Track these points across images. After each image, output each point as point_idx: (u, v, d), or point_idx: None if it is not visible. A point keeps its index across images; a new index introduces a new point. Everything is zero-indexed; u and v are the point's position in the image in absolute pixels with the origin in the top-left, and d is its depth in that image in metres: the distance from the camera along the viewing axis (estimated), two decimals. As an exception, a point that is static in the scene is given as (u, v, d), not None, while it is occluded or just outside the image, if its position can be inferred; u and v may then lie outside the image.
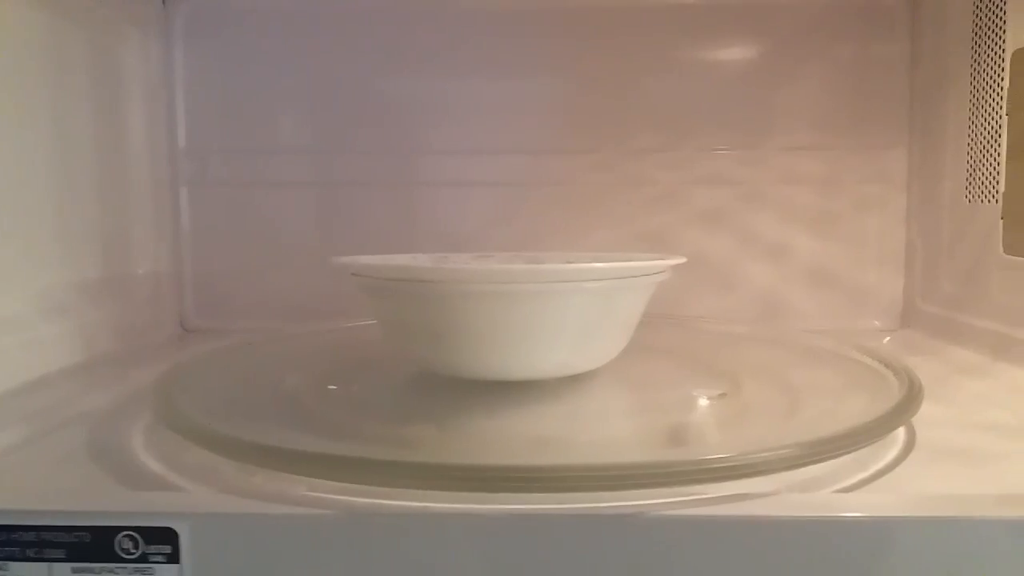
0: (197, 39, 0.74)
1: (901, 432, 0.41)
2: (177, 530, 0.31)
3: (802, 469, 0.33)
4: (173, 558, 0.31)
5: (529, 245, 0.74)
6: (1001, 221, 0.59)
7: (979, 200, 0.63)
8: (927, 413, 0.41)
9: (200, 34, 0.74)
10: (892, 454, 0.39)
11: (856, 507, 0.32)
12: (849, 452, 0.35)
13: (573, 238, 0.75)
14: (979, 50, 0.62)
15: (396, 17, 0.74)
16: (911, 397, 0.41)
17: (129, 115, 0.68)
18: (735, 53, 0.75)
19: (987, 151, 0.61)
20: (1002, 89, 0.58)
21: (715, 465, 0.31)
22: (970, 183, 0.64)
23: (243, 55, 0.74)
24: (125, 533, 0.31)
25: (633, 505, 0.31)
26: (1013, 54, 0.57)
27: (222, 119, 0.75)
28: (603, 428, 0.40)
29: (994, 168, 0.60)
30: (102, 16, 0.64)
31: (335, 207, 0.76)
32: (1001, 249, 0.59)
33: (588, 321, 0.43)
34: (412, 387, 0.50)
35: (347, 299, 0.72)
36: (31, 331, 0.54)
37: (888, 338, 0.71)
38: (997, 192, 0.59)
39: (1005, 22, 0.58)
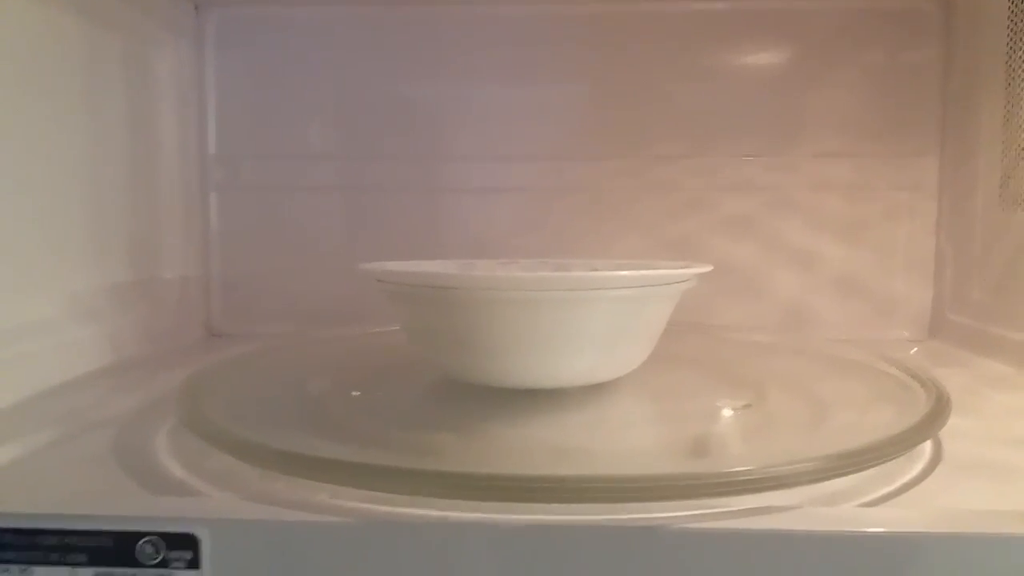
0: (228, 46, 0.75)
1: (928, 445, 0.40)
2: (198, 536, 0.31)
3: (827, 482, 0.33)
4: (194, 564, 0.31)
5: (555, 251, 0.74)
6: (1035, 230, 0.58)
7: (1013, 208, 0.62)
8: (954, 426, 0.41)
9: (231, 42, 0.75)
10: (918, 468, 0.38)
11: (880, 522, 0.31)
12: (874, 466, 0.35)
13: (600, 245, 0.75)
14: (1014, 57, 0.61)
15: (423, 24, 0.74)
16: (938, 410, 0.40)
17: (161, 120, 0.69)
18: (763, 58, 0.74)
19: (1020, 158, 0.60)
20: (1036, 96, 0.57)
21: (738, 478, 0.31)
22: (1004, 191, 0.63)
23: (273, 62, 0.75)
24: (147, 539, 0.32)
25: (655, 517, 0.31)
26: (1048, 62, 0.56)
27: (251, 125, 0.76)
28: (625, 438, 0.40)
29: (1028, 176, 0.59)
30: (137, 23, 0.65)
31: (362, 212, 0.76)
32: (1035, 259, 0.58)
33: (614, 329, 0.43)
34: (435, 393, 0.50)
35: (372, 304, 0.74)
36: (62, 334, 0.55)
37: (916, 348, 0.70)
38: (1031, 200, 0.58)
39: (1040, 30, 0.57)
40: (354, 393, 0.47)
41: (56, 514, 0.32)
